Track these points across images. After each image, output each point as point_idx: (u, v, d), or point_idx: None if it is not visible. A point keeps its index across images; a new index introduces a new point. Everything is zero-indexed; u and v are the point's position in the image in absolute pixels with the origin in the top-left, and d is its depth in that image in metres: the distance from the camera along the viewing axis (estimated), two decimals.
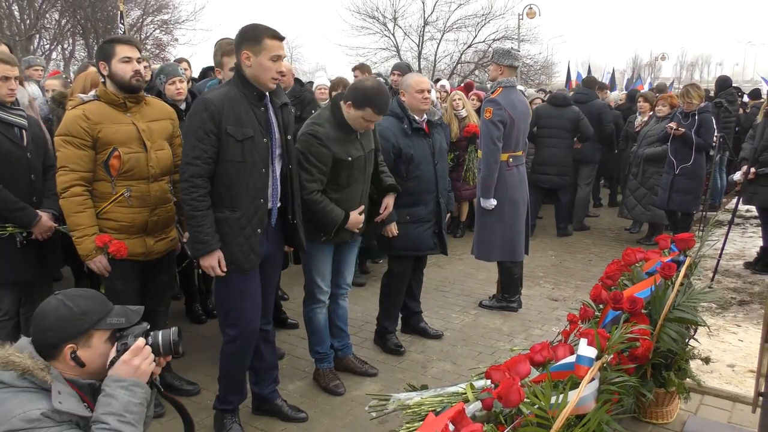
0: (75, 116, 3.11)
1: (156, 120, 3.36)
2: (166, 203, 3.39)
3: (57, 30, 25.66)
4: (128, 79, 3.15)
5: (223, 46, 3.76)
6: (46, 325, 1.96)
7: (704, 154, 6.65)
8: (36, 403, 1.82)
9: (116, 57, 3.13)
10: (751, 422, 3.17)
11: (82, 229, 3.13)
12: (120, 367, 1.93)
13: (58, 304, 1.99)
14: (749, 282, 6.03)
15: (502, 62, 4.92)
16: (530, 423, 2.13)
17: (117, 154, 3.14)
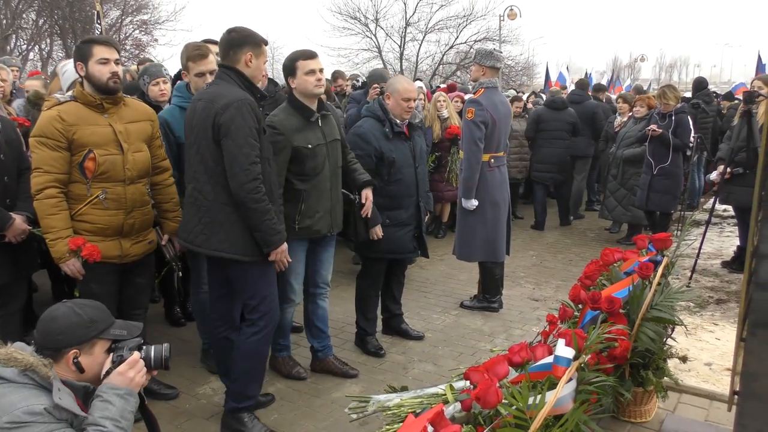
0: (50, 117, 3.06)
1: (134, 121, 3.31)
2: (144, 206, 3.36)
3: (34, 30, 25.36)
4: (105, 81, 3.12)
5: (189, 50, 3.72)
6: (56, 329, 2.08)
7: (681, 155, 6.73)
8: (39, 398, 1.93)
9: (93, 58, 3.09)
10: (727, 420, 3.21)
11: (56, 231, 3.09)
12: (116, 377, 2.07)
13: (68, 310, 2.13)
14: (726, 281, 6.10)
15: (484, 63, 4.93)
16: (508, 424, 2.14)
17: (92, 156, 3.10)
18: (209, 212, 3.12)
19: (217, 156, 3.03)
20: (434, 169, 7.30)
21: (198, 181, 3.13)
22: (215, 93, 3.08)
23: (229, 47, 3.13)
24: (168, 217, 3.59)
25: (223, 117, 2.97)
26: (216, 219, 3.10)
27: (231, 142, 2.98)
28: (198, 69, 3.68)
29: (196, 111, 3.11)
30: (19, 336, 3.52)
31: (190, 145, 3.18)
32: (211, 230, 3.12)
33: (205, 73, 3.66)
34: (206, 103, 3.07)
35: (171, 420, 3.50)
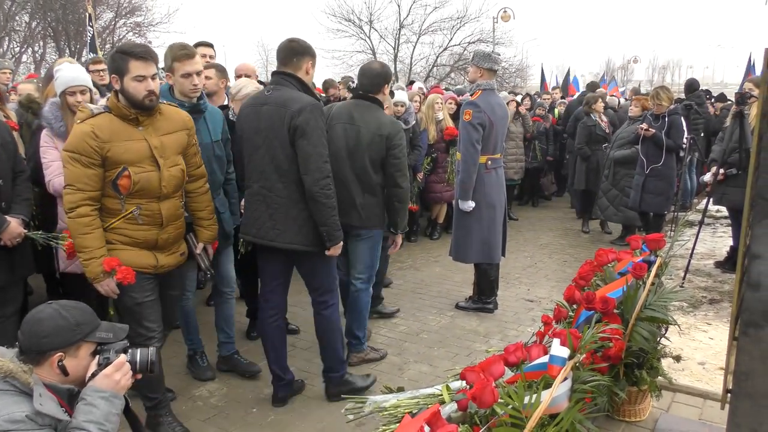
0: (83, 133, 2.90)
1: (170, 133, 3.14)
2: (177, 219, 3.24)
3: (27, 32, 25.22)
4: (141, 99, 2.94)
5: (174, 50, 3.59)
6: (41, 331, 2.04)
7: (674, 156, 6.77)
8: (20, 406, 1.90)
9: (129, 74, 2.91)
10: (721, 419, 3.23)
11: (90, 251, 2.96)
12: (101, 379, 2.05)
13: (54, 313, 2.08)
14: (719, 281, 6.14)
15: (482, 65, 4.95)
16: (504, 423, 2.15)
17: (127, 174, 2.95)
18: (281, 208, 3.36)
19: (291, 156, 3.28)
20: (430, 171, 7.33)
21: (267, 180, 3.36)
22: (284, 97, 3.30)
23: (293, 55, 3.41)
24: (203, 225, 3.47)
25: (299, 119, 3.21)
26: (289, 215, 3.35)
27: (307, 142, 3.23)
28: (184, 69, 3.50)
29: (262, 115, 3.33)
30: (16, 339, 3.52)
31: (255, 147, 3.37)
32: (284, 225, 3.36)
33: (191, 74, 3.51)
34: (276, 107, 3.29)
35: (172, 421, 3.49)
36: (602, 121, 8.26)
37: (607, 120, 8.39)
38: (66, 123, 3.74)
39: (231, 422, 3.53)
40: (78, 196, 2.93)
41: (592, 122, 8.25)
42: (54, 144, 3.76)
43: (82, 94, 3.79)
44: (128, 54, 2.92)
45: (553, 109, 10.68)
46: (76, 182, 2.92)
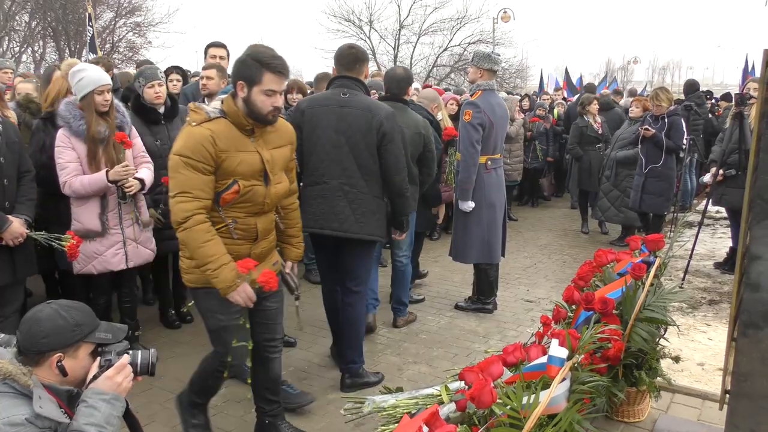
0: (203, 137, 2.67)
1: (279, 147, 2.95)
2: (269, 234, 3.05)
3: (27, 32, 25.24)
4: (265, 114, 2.74)
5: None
6: (40, 332, 2.00)
7: (674, 156, 6.77)
8: (19, 408, 1.87)
9: (260, 86, 2.68)
10: (720, 419, 3.23)
11: (217, 258, 2.70)
12: (103, 381, 2.01)
13: (53, 313, 2.03)
14: (719, 282, 6.14)
15: (482, 66, 4.95)
16: (503, 423, 2.16)
17: (236, 188, 2.77)
18: (363, 203, 3.66)
19: (375, 157, 3.63)
20: None
21: (350, 177, 3.63)
22: (366, 102, 3.66)
23: (356, 61, 3.77)
24: (292, 243, 3.25)
25: (386, 126, 3.59)
26: (369, 209, 3.67)
27: (394, 146, 3.63)
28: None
29: (344, 116, 3.61)
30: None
31: (336, 145, 3.61)
32: (365, 218, 3.67)
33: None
34: (362, 111, 3.61)
35: (166, 422, 3.50)
36: (596, 123, 8.30)
37: (600, 121, 8.43)
38: (89, 122, 3.73)
39: (229, 422, 3.53)
40: (194, 204, 2.68)
41: (584, 123, 8.30)
42: (71, 144, 3.76)
43: (108, 92, 3.80)
44: (266, 65, 2.68)
45: (553, 109, 10.68)
46: (192, 189, 2.67)
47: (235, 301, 2.78)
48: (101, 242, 3.89)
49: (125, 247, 3.97)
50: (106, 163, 3.82)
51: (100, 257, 3.89)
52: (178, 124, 4.50)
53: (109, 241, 3.91)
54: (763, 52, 1.87)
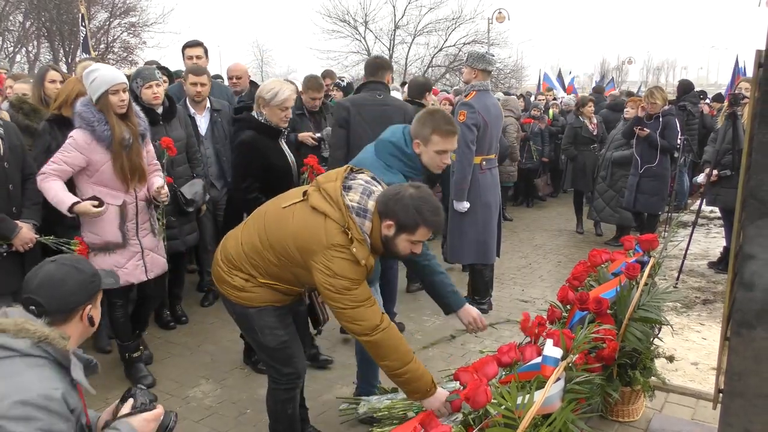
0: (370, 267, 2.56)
1: None
2: None
3: (21, 32, 25.16)
4: (401, 256, 2.65)
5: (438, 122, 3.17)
6: (67, 290, 1.97)
7: (669, 156, 6.80)
8: (55, 383, 1.79)
9: (410, 236, 2.53)
10: (714, 418, 3.24)
11: (417, 360, 2.58)
12: (139, 421, 1.94)
13: (68, 269, 2.01)
14: (713, 281, 6.16)
15: (476, 66, 4.96)
16: (498, 423, 2.16)
17: None
18: None
19: None
20: None
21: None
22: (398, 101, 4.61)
23: (379, 68, 4.58)
24: None
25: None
26: None
27: None
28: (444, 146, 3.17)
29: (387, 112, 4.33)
30: None
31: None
32: None
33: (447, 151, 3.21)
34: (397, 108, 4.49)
35: None
36: (591, 123, 8.34)
37: (596, 122, 8.48)
38: (112, 126, 3.52)
39: (224, 423, 3.52)
40: (377, 305, 2.57)
41: (578, 124, 8.34)
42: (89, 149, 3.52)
43: (124, 92, 3.59)
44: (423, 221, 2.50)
45: (548, 109, 10.71)
46: (370, 295, 2.56)
47: (437, 411, 2.53)
48: (121, 254, 3.70)
49: (144, 258, 3.80)
50: (129, 171, 3.63)
51: (121, 269, 3.68)
52: (176, 125, 4.47)
53: (129, 252, 3.74)
54: (755, 53, 1.88)
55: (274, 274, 2.64)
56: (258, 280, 2.67)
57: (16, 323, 1.82)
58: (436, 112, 3.19)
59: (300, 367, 2.88)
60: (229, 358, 4.31)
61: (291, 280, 2.65)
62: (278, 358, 2.81)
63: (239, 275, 2.69)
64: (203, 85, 4.91)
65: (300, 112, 5.43)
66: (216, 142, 5.06)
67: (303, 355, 2.93)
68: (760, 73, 1.81)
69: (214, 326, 4.78)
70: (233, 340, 4.49)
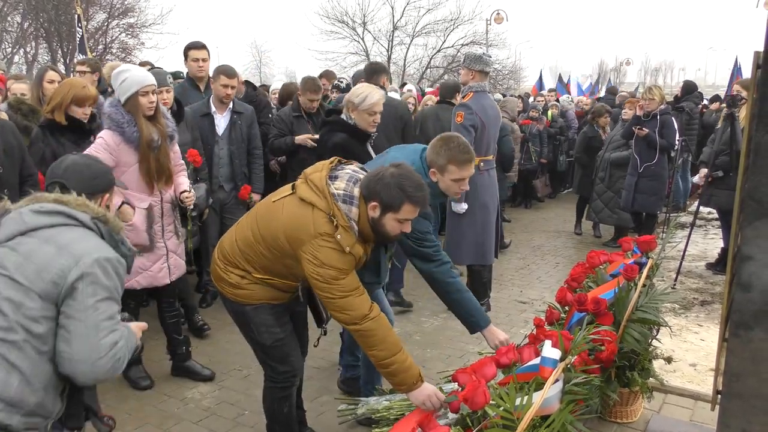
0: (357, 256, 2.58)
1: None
2: None
3: (19, 33, 25.15)
4: (392, 237, 2.68)
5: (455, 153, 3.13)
6: (90, 174, 2.22)
7: (666, 156, 6.82)
8: (109, 251, 1.95)
9: (397, 215, 2.54)
10: (712, 420, 3.24)
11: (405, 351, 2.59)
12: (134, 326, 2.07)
13: (90, 159, 2.31)
14: (711, 282, 6.16)
15: (473, 67, 4.97)
16: (496, 425, 2.16)
17: None
18: None
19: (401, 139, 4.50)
20: None
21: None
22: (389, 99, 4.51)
23: (374, 72, 5.14)
24: None
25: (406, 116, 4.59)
26: None
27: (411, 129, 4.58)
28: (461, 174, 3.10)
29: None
30: None
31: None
32: None
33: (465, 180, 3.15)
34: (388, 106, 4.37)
35: (160, 424, 3.49)
36: (605, 133, 8.28)
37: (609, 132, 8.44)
38: (140, 128, 3.51)
39: (222, 424, 3.52)
40: (367, 296, 2.59)
41: (592, 133, 8.33)
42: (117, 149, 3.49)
43: (153, 94, 3.57)
44: (408, 197, 2.51)
45: (547, 111, 10.71)
46: (359, 285, 2.57)
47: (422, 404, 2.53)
48: (148, 257, 3.67)
49: (168, 260, 3.78)
50: (156, 172, 3.63)
51: (146, 272, 3.68)
52: (183, 129, 4.41)
53: (156, 255, 3.71)
54: (753, 54, 1.88)
55: (267, 267, 2.67)
56: (253, 275, 2.70)
57: (76, 199, 2.00)
58: (451, 141, 3.06)
59: (296, 366, 2.89)
60: (228, 359, 4.30)
61: (284, 273, 2.67)
62: (274, 356, 2.83)
63: (235, 272, 2.73)
64: (233, 87, 4.90)
65: (297, 114, 5.42)
66: (232, 143, 5.02)
67: (299, 354, 2.94)
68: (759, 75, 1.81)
69: (212, 327, 4.77)
70: (231, 341, 4.49)
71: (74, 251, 1.85)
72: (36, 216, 1.92)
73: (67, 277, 1.81)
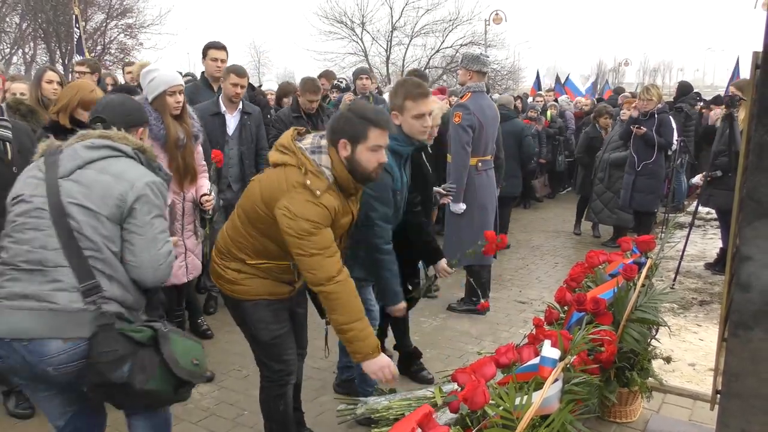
0: (330, 207, 2.53)
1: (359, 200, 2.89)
2: None
3: (17, 34, 25.11)
4: (370, 172, 2.63)
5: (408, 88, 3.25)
6: (126, 110, 2.52)
7: (664, 154, 6.83)
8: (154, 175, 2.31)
9: (366, 143, 2.56)
10: (711, 419, 3.24)
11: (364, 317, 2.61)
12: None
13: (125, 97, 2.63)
14: (710, 282, 6.17)
15: (471, 67, 4.97)
16: (496, 424, 2.16)
17: None
18: None
19: None
20: None
21: None
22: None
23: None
24: None
25: None
26: None
27: None
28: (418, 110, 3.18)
29: None
30: None
31: None
32: None
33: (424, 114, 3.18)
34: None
35: None
36: (606, 134, 8.29)
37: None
38: (167, 126, 3.57)
39: (222, 424, 3.52)
40: (337, 257, 2.57)
41: (594, 133, 8.34)
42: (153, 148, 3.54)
43: (180, 93, 3.63)
44: (370, 121, 2.57)
45: (546, 111, 10.72)
46: (330, 245, 2.54)
47: (374, 374, 2.61)
48: None
49: (186, 259, 3.80)
50: (182, 171, 3.66)
51: None
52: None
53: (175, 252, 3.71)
54: (752, 54, 1.89)
55: (258, 250, 2.69)
56: (247, 263, 2.71)
57: (117, 133, 2.32)
58: (405, 81, 3.29)
59: (291, 365, 2.89)
60: (227, 360, 4.30)
61: (274, 252, 2.68)
62: (270, 353, 2.85)
63: (231, 266, 2.75)
64: (243, 86, 4.90)
65: (297, 114, 5.42)
66: (242, 143, 5.00)
67: (295, 354, 2.93)
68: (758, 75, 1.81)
69: (212, 328, 4.77)
70: (231, 342, 4.49)
71: (128, 178, 2.20)
72: (88, 150, 2.24)
73: (127, 200, 2.17)
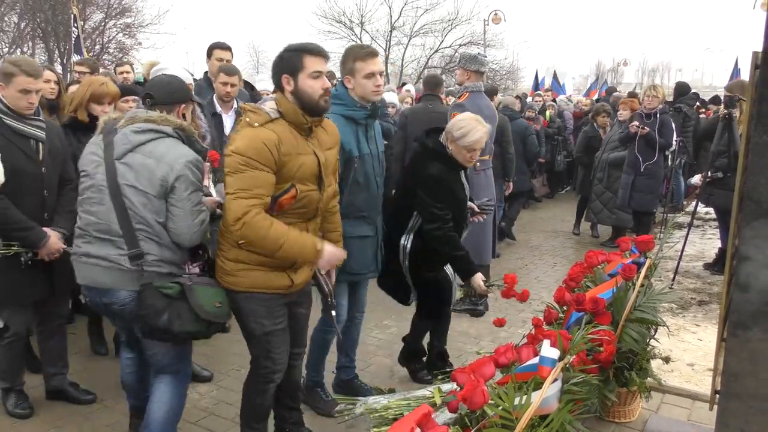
0: (268, 140, 2.56)
1: (330, 148, 2.88)
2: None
3: (16, 33, 25.05)
4: (317, 99, 2.65)
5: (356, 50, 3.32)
6: (172, 89, 2.79)
7: (662, 155, 6.85)
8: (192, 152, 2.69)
9: (305, 71, 2.63)
10: (710, 419, 3.24)
11: (287, 233, 2.60)
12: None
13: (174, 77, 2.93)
14: (708, 282, 6.17)
15: (468, 67, 4.97)
16: (495, 424, 2.16)
17: (293, 193, 2.67)
18: None
19: None
20: None
21: None
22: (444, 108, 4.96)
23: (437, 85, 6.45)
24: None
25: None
26: None
27: None
28: (368, 69, 3.19)
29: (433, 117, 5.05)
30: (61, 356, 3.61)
31: None
32: None
33: (375, 74, 3.20)
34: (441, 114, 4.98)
35: None
36: (604, 133, 8.30)
37: None
38: None
39: (221, 424, 3.52)
40: (252, 201, 2.55)
41: (592, 132, 8.34)
42: None
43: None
44: (302, 50, 2.66)
45: (545, 111, 10.72)
46: (252, 188, 2.55)
47: (328, 264, 2.85)
48: None
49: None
50: None
51: None
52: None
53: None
54: (752, 55, 1.89)
55: None
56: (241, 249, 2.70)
57: (159, 116, 2.66)
58: (353, 46, 3.44)
59: (278, 364, 2.89)
60: (226, 360, 4.30)
61: None
62: (259, 347, 2.86)
63: (229, 255, 2.75)
64: (233, 85, 4.85)
65: None
66: None
67: (286, 354, 2.92)
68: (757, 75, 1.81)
69: None
70: (230, 342, 4.48)
71: (168, 161, 2.59)
72: (137, 135, 2.62)
73: (168, 180, 2.58)
